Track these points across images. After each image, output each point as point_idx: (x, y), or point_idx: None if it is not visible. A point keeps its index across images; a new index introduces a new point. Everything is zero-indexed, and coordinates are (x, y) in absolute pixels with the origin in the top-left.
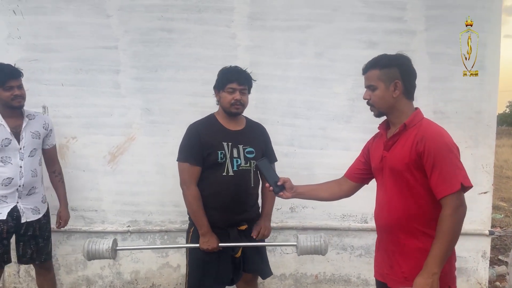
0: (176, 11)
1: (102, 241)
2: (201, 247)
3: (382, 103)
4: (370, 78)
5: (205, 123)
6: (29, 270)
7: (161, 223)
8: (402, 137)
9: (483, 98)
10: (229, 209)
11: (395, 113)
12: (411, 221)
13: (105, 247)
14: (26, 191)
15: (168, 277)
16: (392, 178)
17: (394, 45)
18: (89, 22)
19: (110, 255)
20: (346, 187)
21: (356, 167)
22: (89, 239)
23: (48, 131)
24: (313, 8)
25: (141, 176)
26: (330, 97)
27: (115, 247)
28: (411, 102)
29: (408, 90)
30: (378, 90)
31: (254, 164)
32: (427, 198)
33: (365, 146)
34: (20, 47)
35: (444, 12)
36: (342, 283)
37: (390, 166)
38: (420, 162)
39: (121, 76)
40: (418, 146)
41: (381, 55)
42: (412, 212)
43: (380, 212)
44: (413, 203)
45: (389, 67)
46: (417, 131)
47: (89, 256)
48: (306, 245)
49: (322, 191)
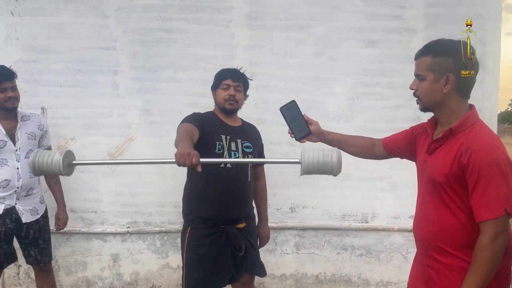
0: (175, 11)
1: (53, 153)
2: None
3: (429, 98)
4: (420, 65)
5: (206, 115)
6: (28, 272)
7: (160, 224)
8: (447, 143)
9: (484, 97)
10: (226, 204)
11: (443, 111)
12: (447, 239)
13: (55, 159)
14: (24, 192)
15: (168, 278)
16: (430, 187)
17: (394, 44)
18: (88, 22)
19: (61, 170)
20: (378, 152)
21: (395, 142)
22: (37, 150)
23: (43, 132)
24: (312, 7)
25: (140, 177)
26: (330, 97)
27: (71, 160)
28: (465, 100)
29: (463, 86)
30: (426, 82)
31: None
32: (466, 217)
33: (414, 129)
34: (18, 48)
35: (444, 10)
36: (343, 283)
37: (429, 174)
38: (462, 176)
39: (120, 76)
40: (462, 158)
41: (439, 40)
42: (449, 231)
43: (417, 223)
44: (451, 220)
45: (443, 56)
46: (464, 139)
47: (36, 170)
48: (312, 162)
49: (351, 146)
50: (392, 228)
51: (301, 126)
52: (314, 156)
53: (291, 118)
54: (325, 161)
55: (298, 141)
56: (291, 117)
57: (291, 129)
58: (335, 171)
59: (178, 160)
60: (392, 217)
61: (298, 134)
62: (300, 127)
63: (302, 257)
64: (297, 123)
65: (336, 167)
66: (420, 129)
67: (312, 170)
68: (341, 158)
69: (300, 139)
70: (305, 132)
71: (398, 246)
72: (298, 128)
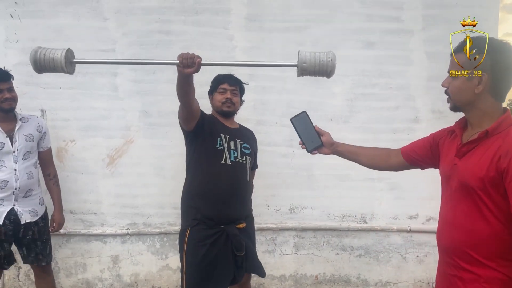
0: (173, 13)
1: (54, 50)
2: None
3: (460, 97)
4: (454, 62)
5: (207, 115)
6: (29, 273)
7: (160, 225)
8: (481, 145)
9: None
10: (225, 201)
11: (475, 112)
12: (479, 248)
13: (56, 56)
14: (22, 193)
15: (168, 280)
16: (461, 193)
17: (392, 45)
18: (87, 25)
19: (64, 66)
20: (395, 162)
21: (416, 149)
22: (38, 46)
23: (42, 134)
24: (310, 9)
25: (140, 178)
26: (328, 98)
27: (71, 58)
28: (499, 103)
29: (497, 88)
30: (458, 80)
31: (249, 160)
32: (502, 225)
33: (435, 135)
34: (18, 51)
35: (441, 11)
36: (342, 284)
37: (460, 178)
38: (500, 181)
39: (119, 78)
40: (501, 161)
41: (477, 37)
42: (481, 239)
43: (442, 230)
44: (484, 228)
45: (479, 54)
46: (502, 141)
47: (38, 67)
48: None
49: (364, 156)
50: (391, 228)
51: (313, 137)
52: (310, 56)
53: (302, 129)
54: (321, 61)
55: (310, 152)
56: (302, 128)
57: (302, 140)
58: (329, 71)
59: (181, 59)
60: (391, 218)
61: (310, 145)
62: (312, 138)
63: (302, 258)
64: (308, 134)
65: (330, 66)
66: (443, 133)
67: (308, 69)
68: (335, 59)
69: (312, 150)
70: (317, 144)
71: (397, 246)
72: (310, 139)
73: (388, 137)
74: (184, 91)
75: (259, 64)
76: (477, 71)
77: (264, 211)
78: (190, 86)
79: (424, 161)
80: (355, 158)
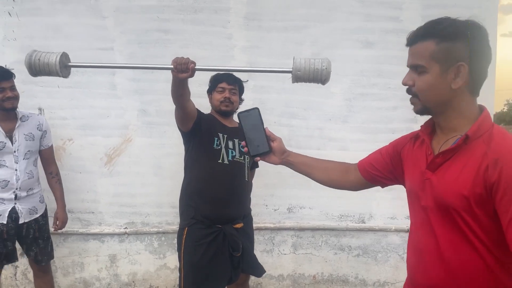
0: (172, 12)
1: (49, 54)
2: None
3: (432, 95)
4: (418, 54)
5: (205, 114)
6: (26, 272)
7: (158, 225)
8: (459, 154)
9: (480, 98)
10: (223, 200)
11: (449, 113)
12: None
13: (51, 60)
14: (23, 193)
15: (166, 279)
16: (440, 215)
17: (391, 45)
18: (85, 23)
19: (58, 70)
20: (354, 179)
21: (374, 164)
22: (33, 50)
23: (42, 132)
24: (310, 8)
25: (138, 177)
26: (327, 97)
27: (67, 62)
28: (475, 99)
29: (476, 81)
30: (429, 75)
31: (248, 159)
32: (494, 259)
33: (396, 144)
34: (15, 49)
35: (440, 12)
36: (340, 283)
37: (436, 197)
38: (488, 198)
39: (117, 77)
40: (490, 172)
41: (442, 19)
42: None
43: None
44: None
45: (453, 40)
46: (487, 147)
47: (32, 71)
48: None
49: (319, 171)
50: (389, 228)
51: (260, 140)
52: (305, 64)
53: (249, 129)
54: (316, 69)
55: (252, 158)
56: (250, 127)
57: (246, 142)
58: (323, 79)
59: (175, 64)
60: (389, 218)
61: (254, 149)
62: (259, 142)
63: (300, 258)
64: (255, 136)
65: (325, 74)
66: (405, 141)
67: (302, 77)
68: (330, 67)
69: (254, 156)
70: (264, 149)
71: (395, 246)
72: (256, 142)
73: (387, 137)
74: (178, 94)
75: (253, 70)
76: (454, 61)
77: (262, 211)
78: (184, 89)
79: (385, 176)
80: (309, 171)
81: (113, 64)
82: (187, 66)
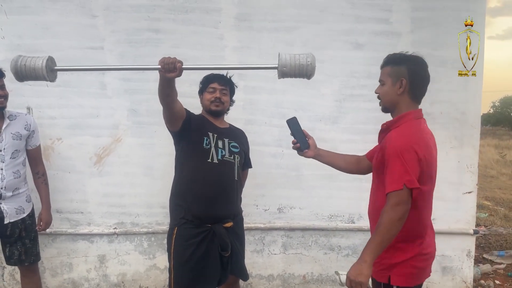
0: (163, 12)
1: (35, 58)
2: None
3: (387, 99)
4: (382, 73)
5: (195, 115)
6: (13, 273)
7: (148, 225)
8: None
9: (468, 100)
10: (212, 199)
11: (396, 111)
12: None
13: (37, 64)
14: (9, 192)
15: (156, 279)
16: (375, 172)
17: (381, 47)
18: (75, 22)
19: (45, 75)
20: (364, 165)
21: (375, 150)
22: (18, 55)
23: (30, 132)
24: (300, 9)
25: (127, 177)
26: (317, 98)
27: (53, 66)
28: (415, 104)
29: (414, 91)
30: (386, 86)
31: (238, 158)
32: None
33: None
34: (4, 47)
35: (429, 14)
36: (330, 283)
37: (374, 161)
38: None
39: (107, 76)
40: (383, 148)
41: (396, 54)
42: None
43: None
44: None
45: (399, 65)
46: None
47: (19, 76)
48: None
49: (340, 161)
50: None
51: (302, 139)
52: (290, 60)
53: (295, 131)
54: (301, 64)
55: (301, 152)
56: (295, 130)
57: (298, 140)
58: (309, 74)
59: (163, 64)
60: None
61: (303, 145)
62: (302, 140)
63: (290, 258)
64: (299, 136)
65: (310, 69)
66: None
67: (288, 73)
68: (314, 62)
69: (303, 150)
70: (305, 146)
71: None
72: (300, 141)
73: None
74: (165, 94)
75: (239, 67)
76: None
77: (253, 211)
78: (172, 89)
79: None
80: (333, 162)
81: (99, 66)
82: (174, 65)
